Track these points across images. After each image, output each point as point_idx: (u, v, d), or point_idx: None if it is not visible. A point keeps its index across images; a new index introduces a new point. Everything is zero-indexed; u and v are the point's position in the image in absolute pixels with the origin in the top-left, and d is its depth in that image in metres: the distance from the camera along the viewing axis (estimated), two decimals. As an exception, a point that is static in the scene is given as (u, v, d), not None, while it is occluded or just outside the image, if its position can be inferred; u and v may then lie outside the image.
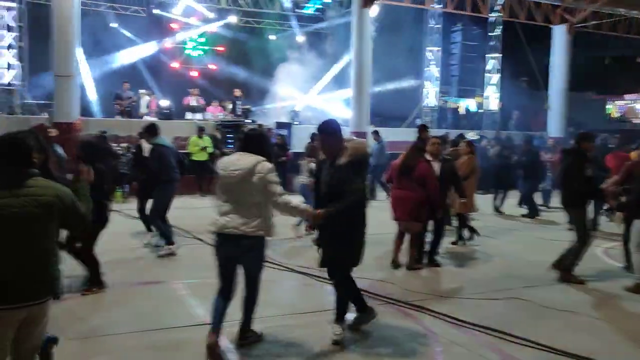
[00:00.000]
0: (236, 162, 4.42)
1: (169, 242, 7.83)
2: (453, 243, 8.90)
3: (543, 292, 6.42)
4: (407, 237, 7.64)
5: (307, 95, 20.42)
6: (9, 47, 15.96)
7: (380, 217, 7.49)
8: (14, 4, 16.10)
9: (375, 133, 14.71)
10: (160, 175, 7.67)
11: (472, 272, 7.36)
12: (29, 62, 16.80)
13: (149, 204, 8.18)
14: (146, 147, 8.66)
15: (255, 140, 4.55)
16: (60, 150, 6.81)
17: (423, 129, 9.62)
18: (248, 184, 4.30)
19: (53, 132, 10.14)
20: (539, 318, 5.59)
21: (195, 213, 11.49)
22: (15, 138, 3.15)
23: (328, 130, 4.73)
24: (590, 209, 8.32)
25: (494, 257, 8.20)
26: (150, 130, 7.96)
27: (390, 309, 5.73)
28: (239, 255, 4.43)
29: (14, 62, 16.06)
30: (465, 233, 9.00)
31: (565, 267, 6.90)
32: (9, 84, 15.96)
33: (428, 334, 5.02)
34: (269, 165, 4.38)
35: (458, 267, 7.59)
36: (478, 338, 4.96)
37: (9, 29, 15.95)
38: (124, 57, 19.00)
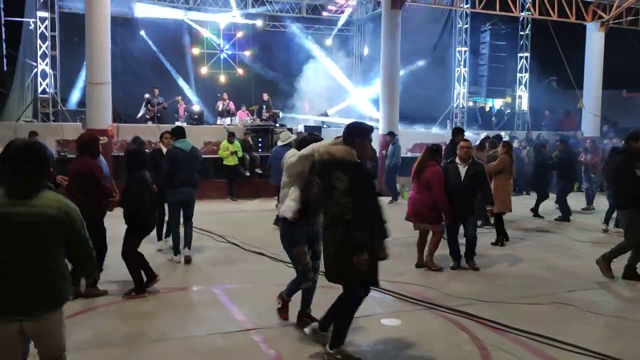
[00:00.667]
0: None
1: (175, 252, 7.69)
2: (493, 244, 8.81)
3: (586, 296, 6.26)
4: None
5: (337, 98, 20.37)
6: (43, 56, 16.27)
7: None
8: (46, 14, 16.41)
9: (391, 134, 14.67)
10: (172, 179, 7.47)
11: (511, 276, 7.20)
12: (60, 70, 17.08)
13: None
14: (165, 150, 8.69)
15: (307, 142, 4.88)
16: (103, 160, 6.89)
17: (457, 132, 9.55)
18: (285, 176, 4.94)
19: (104, 141, 9.95)
20: (585, 323, 5.44)
21: (226, 217, 11.58)
22: (38, 149, 3.08)
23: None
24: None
25: (531, 260, 8.01)
26: (175, 133, 7.86)
27: (431, 314, 5.63)
28: None
29: (48, 70, 16.36)
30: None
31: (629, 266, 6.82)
32: (43, 92, 16.26)
33: (473, 340, 4.92)
34: (293, 151, 4.96)
35: (497, 271, 7.43)
36: (525, 344, 4.83)
37: (43, 38, 16.26)
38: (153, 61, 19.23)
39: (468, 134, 11.30)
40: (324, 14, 21.39)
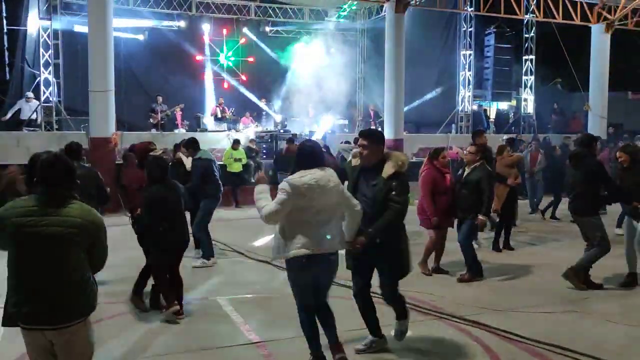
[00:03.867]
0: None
1: (208, 256, 7.74)
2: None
3: (602, 304, 6.11)
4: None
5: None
6: (46, 64, 16.20)
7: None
8: (48, 22, 16.34)
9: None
10: (207, 189, 7.70)
11: (523, 283, 7.04)
12: (63, 78, 17.00)
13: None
14: (186, 160, 8.67)
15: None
16: None
17: (476, 134, 9.34)
18: None
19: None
20: (602, 333, 5.27)
21: (230, 224, 11.42)
22: (66, 160, 3.17)
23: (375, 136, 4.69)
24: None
25: (544, 266, 7.82)
26: (194, 146, 7.94)
27: (442, 324, 5.48)
28: None
29: (51, 79, 16.28)
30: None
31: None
32: (47, 100, 16.18)
33: (487, 352, 4.76)
34: None
35: (507, 278, 7.26)
36: (541, 356, 4.68)
37: (46, 47, 16.19)
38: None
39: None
40: (328, 19, 21.29)
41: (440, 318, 5.60)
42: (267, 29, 21.05)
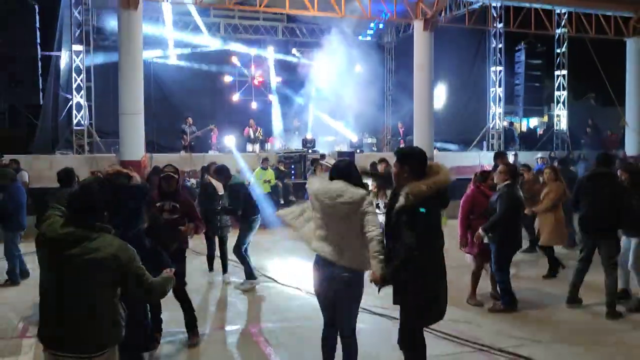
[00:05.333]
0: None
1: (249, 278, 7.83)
2: (544, 277, 8.28)
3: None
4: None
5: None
6: (78, 88, 16.47)
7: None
8: (81, 47, 16.65)
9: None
10: (246, 213, 7.81)
11: (566, 312, 6.68)
12: (95, 101, 17.25)
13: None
14: (217, 184, 8.71)
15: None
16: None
17: (497, 156, 9.16)
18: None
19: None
20: (654, 367, 4.97)
21: (259, 247, 11.23)
22: (92, 191, 3.13)
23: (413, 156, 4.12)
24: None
25: (588, 294, 7.42)
26: (224, 173, 7.95)
27: (480, 356, 5.22)
28: None
29: (82, 102, 16.53)
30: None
31: None
32: (78, 124, 16.43)
33: (530, 389, 4.51)
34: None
35: (550, 306, 6.89)
36: (588, 394, 4.41)
37: (78, 71, 16.48)
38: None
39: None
40: (355, 37, 21.27)
41: (478, 350, 5.33)
42: (294, 49, 21.15)
